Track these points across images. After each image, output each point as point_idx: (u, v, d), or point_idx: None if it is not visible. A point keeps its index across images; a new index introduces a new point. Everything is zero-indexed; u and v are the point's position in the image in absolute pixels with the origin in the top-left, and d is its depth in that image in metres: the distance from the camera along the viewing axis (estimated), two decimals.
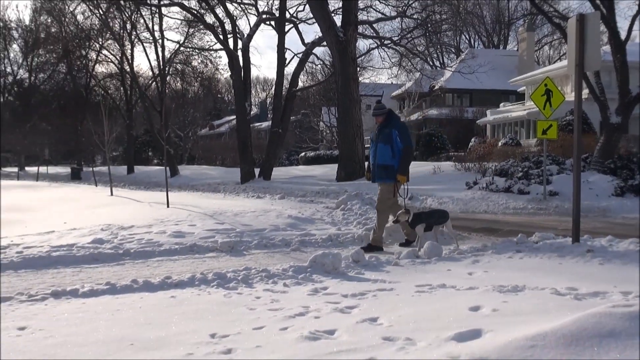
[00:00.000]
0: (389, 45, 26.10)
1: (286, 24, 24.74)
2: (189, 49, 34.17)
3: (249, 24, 39.59)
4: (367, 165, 8.20)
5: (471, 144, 29.23)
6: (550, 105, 13.42)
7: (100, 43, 37.55)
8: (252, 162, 24.24)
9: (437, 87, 43.57)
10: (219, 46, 26.90)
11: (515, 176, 15.12)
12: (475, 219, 11.23)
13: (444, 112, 44.36)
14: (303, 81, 38.12)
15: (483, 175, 17.00)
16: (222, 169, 35.36)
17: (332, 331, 3.63)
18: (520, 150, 22.35)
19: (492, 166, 17.64)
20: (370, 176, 8.02)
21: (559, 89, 13.84)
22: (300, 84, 29.08)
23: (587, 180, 13.63)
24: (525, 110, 33.32)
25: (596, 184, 13.87)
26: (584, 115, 21.39)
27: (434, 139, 33.32)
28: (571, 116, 22.12)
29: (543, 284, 4.81)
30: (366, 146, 20.02)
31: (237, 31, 24.99)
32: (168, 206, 11.28)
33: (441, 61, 57.53)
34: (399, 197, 7.76)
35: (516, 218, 11.52)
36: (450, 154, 29.15)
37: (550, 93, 13.43)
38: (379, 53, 61.38)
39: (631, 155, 15.65)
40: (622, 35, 15.56)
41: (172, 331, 3.79)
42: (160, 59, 32.99)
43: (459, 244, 7.35)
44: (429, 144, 33.21)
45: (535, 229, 8.63)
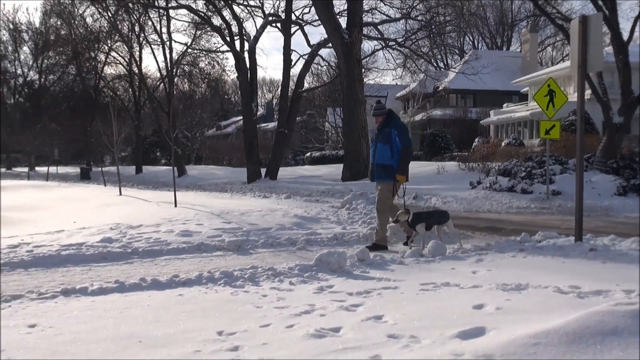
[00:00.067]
0: (394, 46, 26.09)
1: (292, 26, 24.74)
2: (196, 51, 34.32)
3: (256, 26, 39.79)
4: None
5: (475, 144, 29.15)
6: (553, 105, 13.44)
7: (109, 45, 37.76)
8: (258, 162, 24.30)
9: (441, 88, 43.50)
10: (225, 48, 26.98)
11: (518, 176, 15.12)
12: (479, 218, 11.25)
13: (447, 112, 44.25)
14: (309, 82, 38.20)
15: (487, 175, 17.01)
16: (229, 169, 35.39)
17: (337, 329, 3.65)
18: (523, 150, 22.29)
19: (496, 166, 17.64)
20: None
21: (561, 89, 13.84)
22: (306, 85, 29.15)
23: (590, 179, 13.62)
24: (529, 110, 33.23)
25: (599, 183, 13.86)
26: (587, 115, 21.39)
27: (438, 139, 33.25)
28: (574, 116, 22.11)
29: (546, 282, 4.81)
30: None
31: (244, 33, 25.10)
32: (176, 206, 11.36)
33: (445, 62, 57.47)
34: (397, 197, 7.79)
35: (519, 217, 11.52)
36: (454, 154, 29.07)
37: (554, 93, 13.45)
38: (383, 54, 61.55)
39: (633, 155, 15.60)
40: (625, 36, 15.62)
41: (180, 329, 3.82)
42: (168, 60, 33.09)
43: (463, 243, 7.37)
44: (433, 144, 33.16)
45: (539, 228, 8.65)
